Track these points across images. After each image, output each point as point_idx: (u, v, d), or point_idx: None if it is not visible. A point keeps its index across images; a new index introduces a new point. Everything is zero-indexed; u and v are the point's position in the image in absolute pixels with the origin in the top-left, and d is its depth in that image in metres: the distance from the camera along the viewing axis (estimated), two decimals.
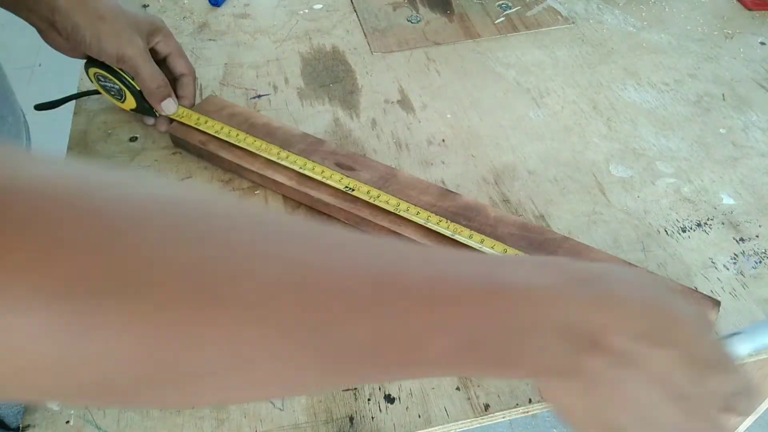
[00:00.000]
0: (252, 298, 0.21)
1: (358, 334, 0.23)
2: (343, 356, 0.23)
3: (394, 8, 0.77)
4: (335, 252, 0.24)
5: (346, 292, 0.23)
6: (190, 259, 0.20)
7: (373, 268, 0.24)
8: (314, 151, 0.55)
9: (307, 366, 0.23)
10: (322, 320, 0.22)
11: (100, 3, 0.53)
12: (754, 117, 0.62)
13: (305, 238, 0.24)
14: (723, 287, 0.48)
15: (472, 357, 0.26)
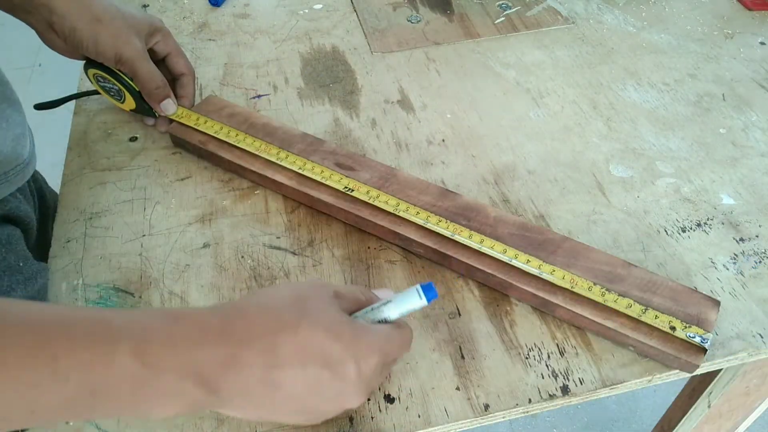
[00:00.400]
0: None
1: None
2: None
3: (394, 8, 0.77)
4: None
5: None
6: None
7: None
8: (314, 151, 0.55)
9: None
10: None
11: (97, 4, 0.53)
12: (754, 117, 0.62)
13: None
14: (723, 287, 0.48)
15: (96, 404, 0.29)
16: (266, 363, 0.32)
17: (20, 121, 0.50)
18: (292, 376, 0.32)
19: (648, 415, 1.31)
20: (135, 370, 0.29)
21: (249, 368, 0.31)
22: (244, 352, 0.31)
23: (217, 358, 0.31)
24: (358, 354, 0.34)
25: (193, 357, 0.30)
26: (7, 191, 0.49)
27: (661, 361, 0.43)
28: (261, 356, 0.32)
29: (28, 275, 0.48)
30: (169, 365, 0.30)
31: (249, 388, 0.32)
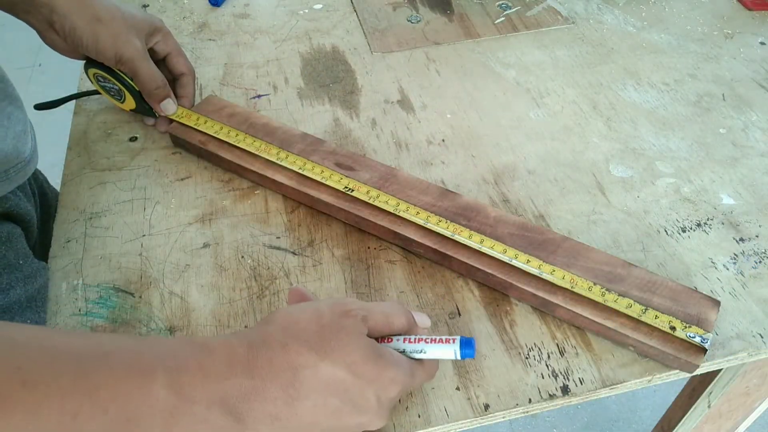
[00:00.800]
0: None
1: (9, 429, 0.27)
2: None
3: (394, 8, 0.77)
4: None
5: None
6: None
7: (24, 366, 0.28)
8: (314, 151, 0.55)
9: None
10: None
11: (98, 4, 0.53)
12: (754, 117, 0.62)
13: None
14: (723, 287, 0.48)
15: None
16: (288, 396, 0.33)
17: (22, 119, 0.50)
18: (312, 408, 0.34)
19: (648, 415, 1.31)
20: (169, 400, 0.31)
21: (272, 401, 0.33)
22: (268, 385, 0.33)
23: (243, 390, 0.32)
24: (379, 388, 0.35)
25: (221, 388, 0.32)
26: (7, 189, 0.49)
27: (661, 361, 0.43)
28: (283, 390, 0.33)
29: (28, 273, 0.48)
30: (200, 396, 0.31)
31: (272, 417, 0.33)
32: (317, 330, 0.35)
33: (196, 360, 0.32)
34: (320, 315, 0.36)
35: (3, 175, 0.48)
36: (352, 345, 0.35)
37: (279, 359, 0.33)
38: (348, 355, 0.34)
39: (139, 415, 0.30)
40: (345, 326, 0.35)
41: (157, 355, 0.32)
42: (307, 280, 0.49)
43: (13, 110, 0.49)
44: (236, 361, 0.33)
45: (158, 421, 0.31)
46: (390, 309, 0.39)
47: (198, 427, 0.32)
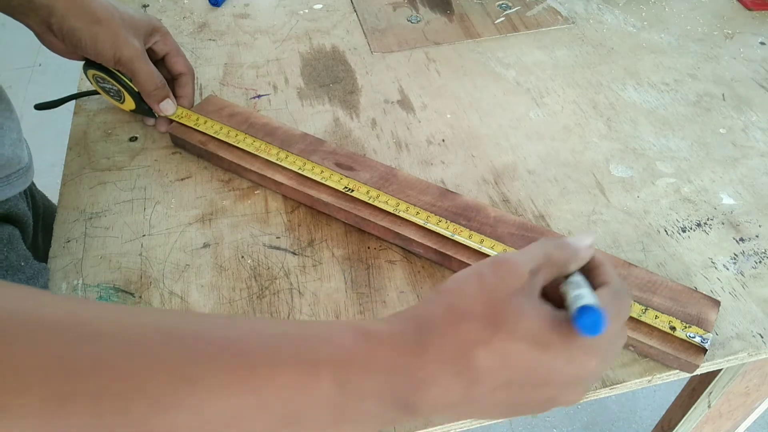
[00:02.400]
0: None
1: (179, 420, 0.25)
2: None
3: (394, 8, 0.77)
4: (139, 348, 0.25)
5: (158, 395, 0.25)
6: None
7: (174, 356, 0.26)
8: (314, 151, 0.55)
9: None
10: (142, 410, 0.24)
11: (96, 5, 0.53)
12: (754, 117, 0.62)
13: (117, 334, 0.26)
14: (723, 287, 0.48)
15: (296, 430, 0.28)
16: (464, 381, 0.29)
17: (15, 127, 0.51)
18: (492, 390, 0.30)
19: (648, 415, 1.31)
20: (335, 396, 0.28)
21: (446, 388, 0.29)
22: (441, 373, 0.29)
23: (414, 381, 0.29)
24: (569, 361, 0.30)
25: (392, 381, 0.29)
26: (9, 193, 0.49)
27: (661, 361, 0.43)
28: (457, 376, 0.29)
29: (30, 275, 0.48)
30: (369, 391, 0.29)
31: (447, 405, 0.30)
32: (485, 300, 0.30)
33: (362, 352, 0.29)
34: (483, 281, 0.31)
35: (5, 180, 0.48)
36: (526, 310, 0.30)
37: (450, 342, 0.29)
38: (524, 322, 0.30)
39: (305, 414, 0.28)
40: (513, 288, 0.31)
41: (319, 347, 0.29)
42: (307, 280, 0.49)
43: (8, 116, 0.49)
44: (405, 350, 0.29)
45: (324, 419, 0.28)
46: (554, 248, 0.33)
47: (366, 424, 0.29)
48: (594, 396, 0.43)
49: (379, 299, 0.48)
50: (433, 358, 0.29)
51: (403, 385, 0.29)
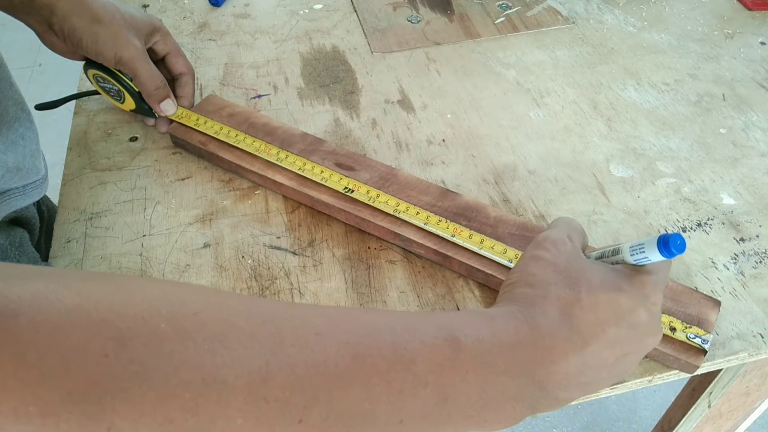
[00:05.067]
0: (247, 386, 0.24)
1: (352, 404, 0.26)
2: (334, 425, 0.26)
3: (394, 8, 0.77)
4: (309, 335, 0.26)
5: (330, 368, 0.25)
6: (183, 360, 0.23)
7: (351, 340, 0.27)
8: (314, 151, 0.55)
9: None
10: (307, 398, 0.25)
11: (97, 5, 0.53)
12: (754, 117, 0.62)
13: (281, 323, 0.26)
14: (723, 287, 0.48)
15: (451, 411, 0.29)
16: (576, 344, 0.31)
17: (35, 138, 0.51)
18: (597, 348, 0.32)
19: (648, 415, 1.31)
20: (480, 372, 0.29)
21: (563, 356, 0.31)
22: (556, 343, 0.31)
23: (537, 354, 0.31)
24: (642, 297, 0.33)
25: (520, 356, 0.31)
26: (23, 203, 0.50)
27: (662, 361, 0.43)
28: (567, 341, 0.31)
29: None
30: (503, 366, 0.30)
31: (567, 374, 0.31)
32: (554, 270, 0.34)
33: (488, 329, 0.31)
34: (542, 258, 0.34)
35: (21, 190, 0.49)
36: (589, 266, 0.34)
37: (549, 312, 0.32)
38: (595, 275, 0.33)
39: (456, 392, 0.29)
40: (568, 254, 0.34)
41: (454, 325, 0.30)
42: (307, 280, 0.49)
43: (26, 129, 0.50)
44: (520, 328, 0.31)
45: (473, 397, 0.29)
46: (571, 226, 0.37)
47: (508, 404, 0.30)
48: (594, 396, 0.43)
49: (379, 299, 0.48)
50: (545, 332, 0.31)
51: (528, 361, 0.30)
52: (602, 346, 0.32)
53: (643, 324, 0.33)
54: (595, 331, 0.32)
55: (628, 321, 0.33)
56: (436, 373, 0.28)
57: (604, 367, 0.33)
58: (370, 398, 0.26)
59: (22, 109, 0.49)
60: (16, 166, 0.47)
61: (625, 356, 0.33)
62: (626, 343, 0.33)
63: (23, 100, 0.50)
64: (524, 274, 0.34)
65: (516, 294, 0.34)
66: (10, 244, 0.49)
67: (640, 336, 0.33)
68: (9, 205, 0.49)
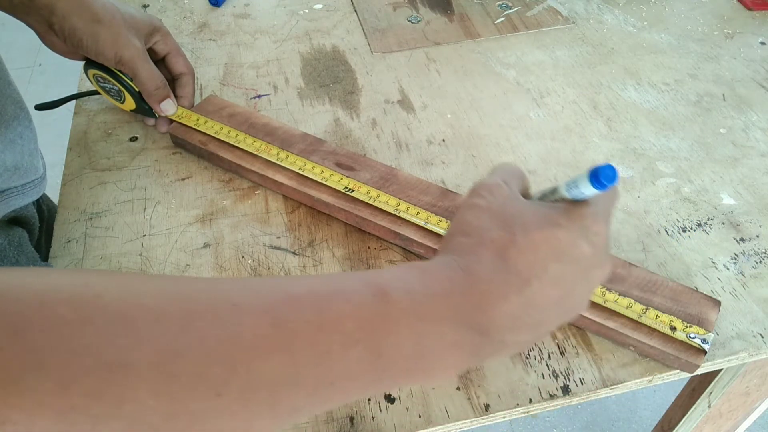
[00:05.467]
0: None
1: (275, 371, 0.25)
2: (256, 394, 0.25)
3: (394, 8, 0.77)
4: (228, 302, 0.26)
5: (247, 339, 0.25)
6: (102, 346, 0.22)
7: (270, 309, 0.26)
8: (314, 151, 0.55)
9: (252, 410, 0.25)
10: (223, 370, 0.24)
11: (97, 5, 0.53)
12: (754, 117, 0.62)
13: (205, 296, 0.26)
14: (723, 287, 0.48)
15: (387, 366, 0.28)
16: (515, 286, 0.31)
17: (33, 137, 0.51)
18: (539, 286, 0.31)
19: (648, 415, 1.31)
20: (413, 324, 0.29)
21: (504, 298, 0.30)
22: (493, 287, 0.30)
23: (474, 300, 0.30)
24: (582, 229, 0.32)
25: (455, 304, 0.30)
26: (22, 203, 0.50)
27: (662, 361, 0.43)
28: (506, 283, 0.31)
29: None
30: (439, 315, 0.29)
31: (510, 316, 0.31)
32: (489, 215, 0.33)
33: (419, 280, 0.30)
34: (477, 205, 0.34)
35: (20, 189, 0.49)
36: (524, 207, 0.33)
37: (484, 258, 0.31)
38: (530, 214, 0.32)
39: (389, 346, 0.28)
40: (503, 198, 0.34)
41: (383, 281, 0.29)
42: None
43: (24, 129, 0.50)
44: (454, 276, 0.31)
45: (408, 350, 0.28)
46: (507, 170, 0.37)
47: (448, 352, 0.30)
48: (594, 396, 0.43)
49: None
50: (481, 277, 0.30)
51: (467, 307, 0.30)
52: (545, 284, 0.31)
53: (587, 257, 0.32)
54: (535, 270, 0.31)
55: (569, 255, 0.32)
56: (366, 330, 0.27)
57: (551, 306, 0.32)
58: (294, 364, 0.26)
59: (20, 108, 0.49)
60: (14, 165, 0.47)
61: (572, 292, 0.33)
62: (571, 278, 0.32)
63: (21, 99, 0.50)
64: (460, 224, 0.34)
65: (452, 244, 0.33)
66: (9, 244, 0.49)
67: (585, 269, 0.32)
68: (7, 204, 0.49)
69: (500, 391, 0.42)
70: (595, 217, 0.33)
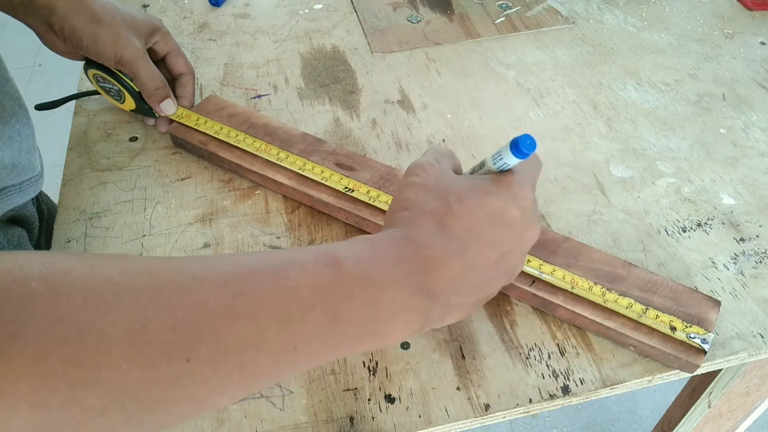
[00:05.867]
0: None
1: (240, 337, 0.27)
2: (225, 359, 0.27)
3: (394, 8, 0.77)
4: (188, 280, 0.27)
5: (211, 307, 0.26)
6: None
7: (230, 280, 0.28)
8: (314, 151, 0.55)
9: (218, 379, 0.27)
10: (192, 337, 0.26)
11: (97, 5, 0.53)
12: (754, 117, 0.62)
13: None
14: (723, 287, 0.48)
15: (345, 330, 0.30)
16: (455, 251, 0.33)
17: (30, 135, 0.51)
18: (476, 250, 0.34)
19: (648, 415, 1.31)
20: (365, 289, 0.31)
21: (445, 261, 0.33)
22: (435, 252, 0.33)
23: (418, 266, 0.32)
24: (511, 195, 0.35)
25: (403, 269, 0.32)
26: (20, 201, 0.50)
27: (662, 361, 0.43)
28: (446, 248, 0.33)
29: None
30: (388, 280, 0.31)
31: (453, 279, 0.33)
32: (426, 190, 0.35)
33: (368, 250, 0.32)
34: (414, 183, 0.36)
35: (17, 188, 0.49)
36: (456, 179, 0.36)
37: (425, 227, 0.34)
38: (461, 186, 0.35)
39: (344, 310, 0.30)
40: (436, 174, 0.36)
41: (334, 251, 0.32)
42: None
43: (22, 126, 0.50)
44: (399, 244, 0.33)
45: (363, 313, 0.31)
46: (438, 151, 0.39)
47: (400, 314, 0.32)
48: (594, 396, 0.43)
49: None
50: (424, 244, 0.33)
51: (413, 272, 0.32)
52: (481, 247, 0.34)
53: (517, 220, 0.35)
54: (471, 235, 0.34)
55: (501, 219, 0.34)
56: (321, 296, 0.29)
57: (489, 267, 0.35)
58: (258, 330, 0.27)
59: (19, 105, 0.49)
60: (12, 163, 0.47)
61: (507, 253, 0.35)
62: (505, 240, 0.35)
63: (20, 96, 0.50)
64: (399, 201, 0.36)
65: (394, 219, 0.35)
66: (8, 243, 0.49)
67: (517, 232, 0.35)
68: (6, 202, 0.49)
69: (500, 391, 0.42)
70: (521, 183, 0.36)
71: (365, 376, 0.43)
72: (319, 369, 0.44)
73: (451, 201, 0.34)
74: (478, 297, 0.36)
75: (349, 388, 0.43)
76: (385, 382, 0.43)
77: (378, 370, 0.44)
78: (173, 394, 0.25)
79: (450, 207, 0.34)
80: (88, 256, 0.27)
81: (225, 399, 0.28)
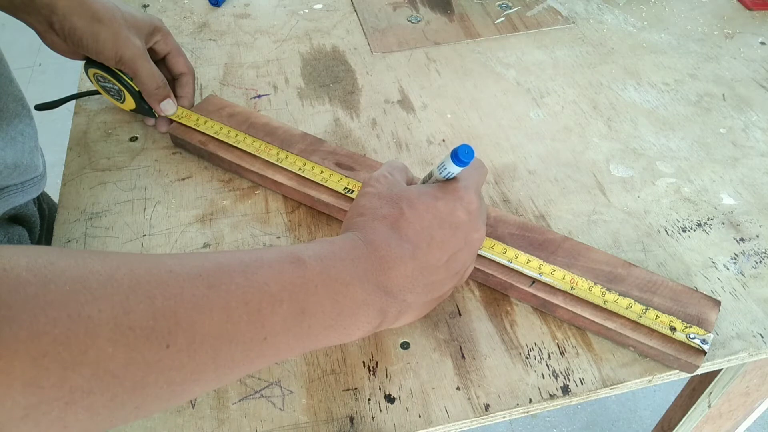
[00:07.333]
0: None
1: (214, 327, 0.29)
2: (200, 348, 0.28)
3: (394, 8, 0.77)
4: (165, 274, 0.29)
5: (188, 298, 0.28)
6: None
7: (203, 274, 0.30)
8: (314, 151, 0.55)
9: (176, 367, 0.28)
10: (170, 324, 0.27)
11: (97, 4, 0.53)
12: (754, 117, 0.62)
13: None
14: (723, 287, 0.48)
15: (311, 324, 0.33)
16: (407, 250, 0.36)
17: (34, 135, 0.51)
18: (427, 250, 0.37)
19: (648, 415, 1.31)
20: (328, 284, 0.33)
21: (400, 261, 0.36)
22: (388, 252, 0.36)
23: (375, 264, 0.35)
24: (457, 199, 0.39)
25: (362, 268, 0.35)
26: (22, 200, 0.50)
27: (662, 361, 0.43)
28: (400, 249, 0.36)
29: None
30: (349, 277, 0.34)
31: (407, 277, 0.36)
32: (379, 198, 0.39)
33: (329, 249, 0.35)
34: (369, 193, 0.40)
35: (19, 187, 0.49)
36: (407, 188, 0.39)
37: (379, 230, 0.37)
38: (412, 193, 0.39)
39: (310, 304, 0.32)
40: (389, 183, 0.40)
41: (297, 251, 0.34)
42: None
43: (25, 127, 0.50)
44: (356, 245, 0.36)
45: (327, 308, 0.33)
46: (393, 165, 0.43)
47: (362, 311, 0.34)
48: (594, 396, 0.43)
49: None
50: (379, 245, 0.36)
51: (371, 270, 0.35)
52: (432, 248, 0.37)
53: (464, 223, 0.38)
54: (422, 237, 0.37)
55: (449, 222, 0.38)
56: (288, 290, 0.32)
57: (440, 267, 0.37)
58: (231, 320, 0.29)
59: (22, 106, 0.49)
60: (14, 163, 0.48)
61: (457, 254, 0.38)
62: (453, 241, 0.38)
63: (23, 96, 0.50)
64: (356, 208, 0.39)
65: (351, 224, 0.38)
66: (9, 242, 0.49)
67: (464, 233, 0.38)
68: (7, 202, 0.49)
69: (500, 391, 0.42)
70: (466, 188, 0.39)
71: (365, 376, 0.43)
72: (319, 369, 0.44)
73: (403, 206, 0.37)
74: (432, 296, 0.38)
75: (349, 388, 0.43)
76: (385, 382, 0.43)
77: (378, 370, 0.44)
78: (153, 377, 0.27)
79: (402, 212, 0.37)
80: (69, 250, 0.28)
81: (199, 387, 0.30)
